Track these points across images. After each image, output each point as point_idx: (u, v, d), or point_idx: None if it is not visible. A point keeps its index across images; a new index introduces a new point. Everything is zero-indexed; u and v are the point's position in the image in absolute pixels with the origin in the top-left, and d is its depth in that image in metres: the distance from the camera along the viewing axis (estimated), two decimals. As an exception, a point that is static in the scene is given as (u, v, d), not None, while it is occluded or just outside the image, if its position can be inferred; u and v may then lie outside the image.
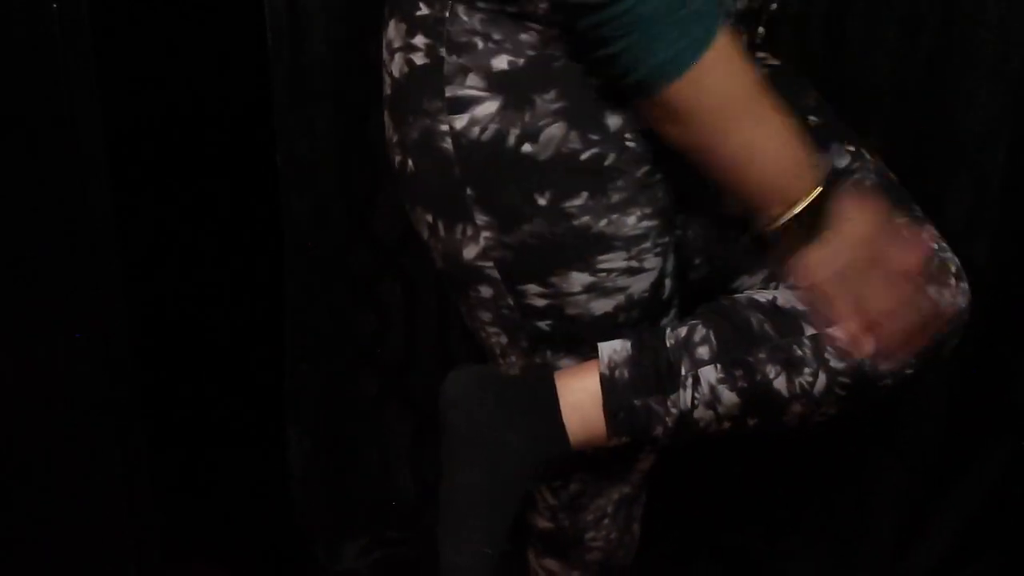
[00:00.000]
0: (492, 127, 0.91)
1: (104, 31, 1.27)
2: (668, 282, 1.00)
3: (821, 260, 0.90)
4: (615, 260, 0.95)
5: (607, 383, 0.96)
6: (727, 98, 0.85)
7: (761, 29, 1.03)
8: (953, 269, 0.94)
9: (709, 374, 0.95)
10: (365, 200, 1.51)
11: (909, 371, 0.93)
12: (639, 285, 0.97)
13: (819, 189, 0.89)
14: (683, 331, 0.97)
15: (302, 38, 1.40)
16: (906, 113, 1.39)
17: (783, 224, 0.89)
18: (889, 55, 1.36)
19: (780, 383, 0.94)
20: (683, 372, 0.95)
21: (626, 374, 0.96)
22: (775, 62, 1.09)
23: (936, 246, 0.95)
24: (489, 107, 0.90)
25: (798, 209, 0.88)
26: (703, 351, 0.95)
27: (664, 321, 1.02)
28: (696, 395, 0.95)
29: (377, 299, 1.57)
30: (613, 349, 0.97)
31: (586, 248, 0.94)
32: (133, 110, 1.54)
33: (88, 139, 1.27)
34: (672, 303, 1.03)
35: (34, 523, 1.40)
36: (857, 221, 0.90)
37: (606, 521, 1.12)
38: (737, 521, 1.62)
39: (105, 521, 1.43)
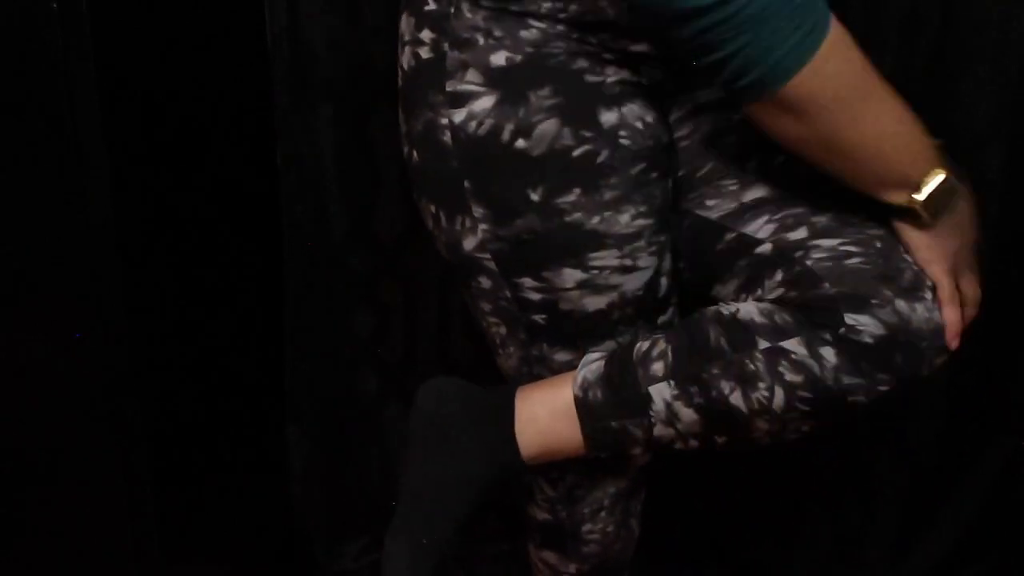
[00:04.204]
0: (488, 122, 0.91)
1: (104, 31, 1.27)
2: (664, 281, 1.00)
3: (934, 242, 0.91)
4: (607, 258, 0.95)
5: (581, 405, 0.97)
6: (847, 84, 0.84)
7: None
8: (929, 283, 0.91)
9: (663, 391, 0.94)
10: (365, 200, 1.51)
11: (883, 388, 0.90)
12: (632, 284, 0.97)
13: (943, 172, 0.88)
14: (645, 345, 0.96)
15: (302, 38, 1.40)
16: (906, 113, 1.39)
17: (909, 207, 0.89)
18: (889, 55, 1.36)
19: (736, 399, 0.92)
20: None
21: (599, 395, 0.96)
22: None
23: (911, 258, 0.93)
24: (486, 102, 0.91)
25: (924, 193, 0.88)
26: (657, 367, 0.95)
27: (662, 319, 1.02)
28: (651, 412, 0.95)
29: (377, 299, 1.57)
30: (588, 369, 0.97)
31: (578, 245, 0.94)
32: (133, 110, 1.54)
33: (88, 139, 1.26)
34: (670, 301, 1.02)
35: (34, 523, 1.40)
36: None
37: (603, 514, 1.12)
38: (740, 521, 1.62)
39: (105, 521, 1.42)
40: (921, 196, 0.88)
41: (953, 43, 1.34)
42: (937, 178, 0.88)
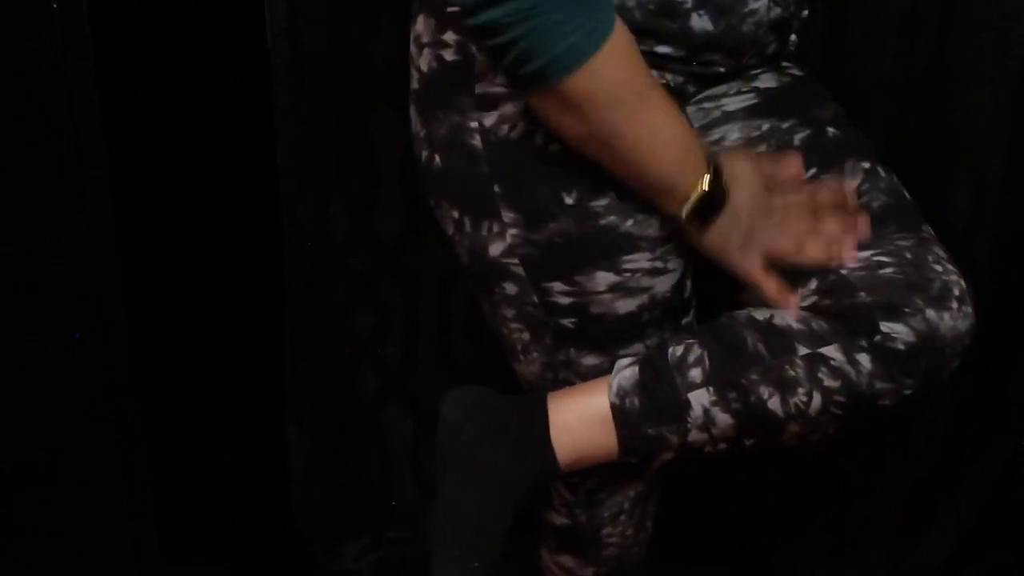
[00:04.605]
0: (521, 125, 0.91)
1: (104, 31, 1.27)
2: (688, 282, 1.01)
3: (723, 237, 0.92)
4: (640, 260, 0.95)
5: (618, 413, 0.96)
6: (626, 85, 0.85)
7: (794, 37, 1.03)
8: (956, 292, 0.93)
9: (701, 397, 0.94)
10: (365, 200, 1.51)
11: (907, 391, 0.92)
12: (663, 285, 0.97)
13: (711, 172, 0.89)
14: (680, 350, 0.96)
15: (302, 38, 1.40)
16: (906, 113, 1.39)
17: (689, 209, 0.90)
18: (889, 55, 1.36)
19: (774, 404, 0.93)
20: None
21: (636, 402, 0.96)
22: (798, 72, 1.08)
23: (940, 268, 0.94)
24: (518, 105, 0.90)
25: (697, 193, 0.89)
26: (695, 374, 0.95)
27: (685, 320, 1.02)
28: (688, 419, 0.95)
29: (377, 299, 1.57)
30: (623, 376, 0.97)
31: (612, 247, 0.94)
32: (133, 110, 1.54)
33: (88, 139, 1.27)
34: (692, 302, 1.03)
35: (34, 523, 1.40)
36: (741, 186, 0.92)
37: (623, 517, 1.12)
38: (740, 521, 1.62)
39: (105, 521, 1.42)
40: (684, 212, 0.90)
41: (953, 43, 1.34)
42: (697, 192, 0.89)
